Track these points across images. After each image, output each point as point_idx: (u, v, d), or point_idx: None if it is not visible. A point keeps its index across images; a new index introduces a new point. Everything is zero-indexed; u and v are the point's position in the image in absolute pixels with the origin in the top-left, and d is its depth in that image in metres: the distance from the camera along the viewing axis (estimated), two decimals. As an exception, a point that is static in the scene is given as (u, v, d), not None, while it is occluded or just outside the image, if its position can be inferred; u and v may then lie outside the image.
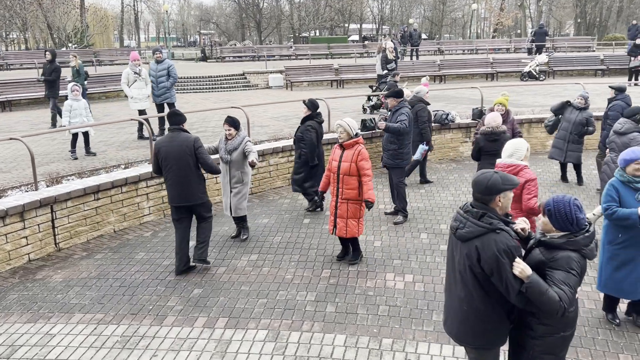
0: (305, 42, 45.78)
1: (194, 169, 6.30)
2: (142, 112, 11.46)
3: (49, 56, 13.38)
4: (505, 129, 7.45)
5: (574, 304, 3.39)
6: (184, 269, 6.47)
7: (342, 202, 6.43)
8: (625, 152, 5.16)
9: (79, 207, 7.49)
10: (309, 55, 29.35)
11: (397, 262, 6.70)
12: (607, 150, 7.64)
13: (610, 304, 5.33)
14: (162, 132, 11.58)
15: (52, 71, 13.13)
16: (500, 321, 3.49)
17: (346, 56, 31.69)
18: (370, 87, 16.36)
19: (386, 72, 15.45)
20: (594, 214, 5.54)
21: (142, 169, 8.52)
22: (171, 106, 11.57)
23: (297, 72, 21.84)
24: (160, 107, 11.76)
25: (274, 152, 9.82)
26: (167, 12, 42.84)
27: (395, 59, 16.06)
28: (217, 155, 7.24)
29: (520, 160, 5.35)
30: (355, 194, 6.40)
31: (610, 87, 9.74)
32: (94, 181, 7.80)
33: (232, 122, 7.02)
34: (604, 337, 5.03)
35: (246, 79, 22.36)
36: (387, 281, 6.20)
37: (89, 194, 7.57)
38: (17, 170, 8.95)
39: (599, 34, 49.78)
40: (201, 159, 6.31)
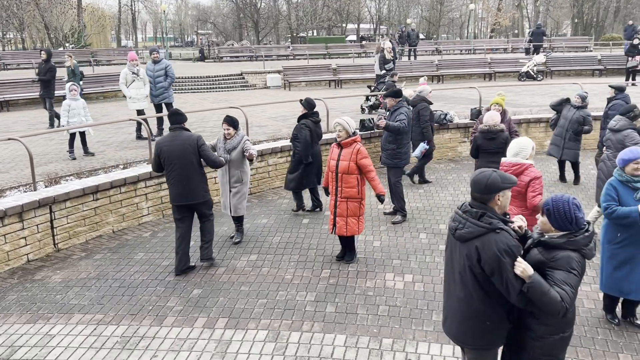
0: (302, 42, 45.78)
1: (196, 167, 6.33)
2: (141, 112, 11.43)
3: (44, 55, 13.34)
4: (503, 127, 7.48)
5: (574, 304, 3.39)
6: (184, 268, 6.47)
7: (341, 201, 6.43)
8: (624, 152, 5.17)
9: (78, 207, 7.48)
10: (307, 55, 29.32)
11: (397, 262, 6.71)
12: (604, 147, 7.66)
13: (609, 304, 5.34)
14: (161, 132, 11.56)
15: (47, 71, 13.08)
16: (500, 321, 3.47)
17: (344, 56, 31.69)
18: (368, 87, 16.36)
19: (384, 72, 15.46)
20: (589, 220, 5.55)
21: (141, 169, 8.51)
22: (169, 106, 11.56)
23: (295, 72, 21.81)
24: (158, 107, 11.74)
25: (272, 152, 9.82)
26: (164, 12, 42.74)
27: (393, 59, 16.06)
28: (215, 154, 7.23)
29: (525, 159, 5.35)
30: (354, 192, 6.40)
31: (610, 86, 9.77)
32: (92, 181, 7.79)
33: (231, 122, 7.02)
34: (604, 337, 5.05)
35: (244, 79, 22.32)
36: (387, 281, 6.20)
37: (88, 195, 7.57)
38: (16, 170, 8.92)
39: (596, 34, 49.88)
40: (205, 156, 6.37)
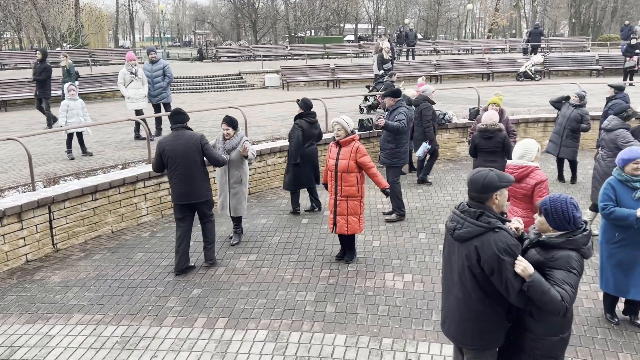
0: (300, 42, 45.74)
1: (200, 166, 6.34)
2: (139, 112, 11.42)
3: (39, 55, 13.30)
4: (501, 126, 7.51)
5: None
6: (184, 267, 6.46)
7: (341, 200, 6.43)
8: (623, 152, 5.19)
9: (77, 207, 7.46)
10: (305, 55, 29.32)
11: (396, 262, 6.71)
12: (599, 147, 7.69)
13: (609, 303, 5.35)
14: (159, 132, 11.56)
15: (42, 71, 13.05)
16: (499, 321, 3.47)
17: (342, 56, 31.68)
18: (367, 87, 16.37)
19: (383, 72, 15.47)
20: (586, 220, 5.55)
21: (140, 169, 8.50)
22: (167, 106, 11.56)
23: (293, 72, 21.81)
24: (156, 107, 11.74)
25: (271, 152, 9.81)
26: (162, 12, 42.73)
27: (391, 59, 16.07)
28: (219, 152, 7.24)
29: (530, 161, 5.26)
30: (354, 191, 6.40)
31: (609, 85, 9.79)
32: (91, 181, 7.78)
33: (231, 122, 7.02)
34: (603, 336, 5.06)
35: (242, 79, 22.30)
36: (387, 281, 6.21)
37: (87, 195, 7.55)
38: (14, 170, 8.91)
39: (594, 34, 49.91)
40: (208, 155, 6.40)
